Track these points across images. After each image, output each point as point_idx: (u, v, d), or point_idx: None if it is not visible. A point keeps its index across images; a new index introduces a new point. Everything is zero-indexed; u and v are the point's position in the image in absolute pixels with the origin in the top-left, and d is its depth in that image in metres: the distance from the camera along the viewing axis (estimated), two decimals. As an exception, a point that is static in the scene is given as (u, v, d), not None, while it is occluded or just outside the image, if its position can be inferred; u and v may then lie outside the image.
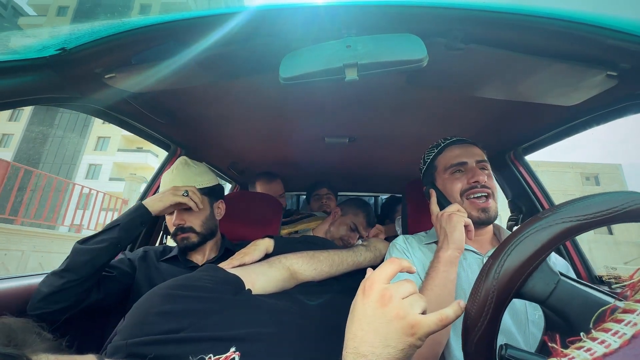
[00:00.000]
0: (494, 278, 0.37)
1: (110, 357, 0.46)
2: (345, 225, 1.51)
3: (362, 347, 0.38)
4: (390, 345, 0.38)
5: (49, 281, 0.80)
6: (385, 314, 0.39)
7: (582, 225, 0.35)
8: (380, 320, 0.39)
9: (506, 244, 0.38)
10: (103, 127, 22.52)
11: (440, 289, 0.69)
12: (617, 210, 0.34)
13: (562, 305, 0.37)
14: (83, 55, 0.73)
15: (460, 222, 0.76)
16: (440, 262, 0.72)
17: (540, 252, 0.36)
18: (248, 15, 0.65)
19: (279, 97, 1.08)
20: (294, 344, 0.54)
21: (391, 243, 0.93)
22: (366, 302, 0.41)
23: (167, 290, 0.55)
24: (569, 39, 0.65)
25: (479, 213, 0.80)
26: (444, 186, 0.87)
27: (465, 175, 0.84)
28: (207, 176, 1.11)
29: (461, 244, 0.74)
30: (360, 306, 0.42)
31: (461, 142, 0.91)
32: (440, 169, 0.90)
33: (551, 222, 0.36)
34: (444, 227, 0.77)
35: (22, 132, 20.45)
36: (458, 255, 0.73)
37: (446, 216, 0.78)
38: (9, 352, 0.29)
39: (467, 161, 0.85)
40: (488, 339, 0.37)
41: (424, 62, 0.61)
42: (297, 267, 0.79)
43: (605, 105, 0.87)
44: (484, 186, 0.81)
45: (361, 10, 0.64)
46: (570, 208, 0.36)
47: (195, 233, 1.02)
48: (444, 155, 0.90)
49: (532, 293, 0.37)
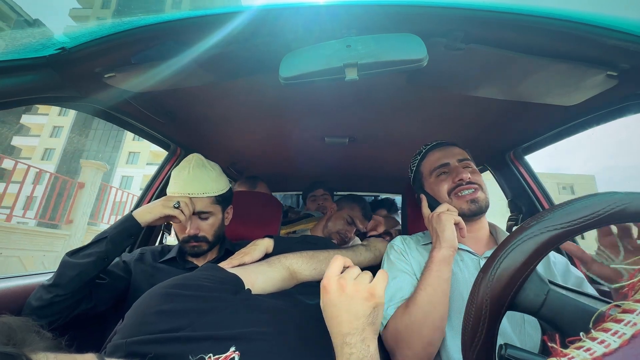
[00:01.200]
0: (484, 292, 0.37)
1: (110, 356, 0.46)
2: (341, 219, 1.51)
3: (344, 329, 0.49)
4: (360, 315, 0.49)
5: (38, 294, 0.78)
6: (347, 296, 0.51)
7: (568, 232, 0.35)
8: (347, 302, 0.50)
9: (495, 257, 0.38)
10: (133, 143, 24.78)
11: (433, 288, 0.70)
12: (602, 214, 0.34)
13: (554, 315, 0.37)
14: (83, 54, 0.73)
15: (450, 220, 0.77)
16: (433, 262, 0.73)
17: (528, 263, 0.36)
18: (248, 15, 0.65)
19: (279, 97, 1.08)
20: (294, 344, 0.54)
21: (389, 244, 0.94)
22: (330, 295, 0.52)
23: (166, 290, 0.55)
24: (569, 39, 0.65)
25: (469, 205, 0.81)
26: (432, 189, 0.90)
27: (449, 175, 0.87)
28: (221, 181, 1.04)
29: (453, 242, 0.75)
30: (327, 301, 0.52)
31: (440, 145, 0.95)
32: (425, 174, 0.93)
33: (536, 231, 0.36)
34: (435, 227, 0.78)
35: (63, 146, 23.12)
36: (452, 254, 0.74)
37: (436, 216, 0.79)
38: (8, 351, 0.28)
39: (449, 162, 0.88)
40: (487, 349, 0.37)
41: (424, 62, 0.61)
42: (297, 267, 0.79)
43: (605, 105, 0.87)
44: (469, 182, 0.83)
45: (361, 10, 0.64)
46: (555, 215, 0.36)
47: (207, 242, 1.00)
48: (427, 160, 0.94)
49: (525, 304, 0.37)
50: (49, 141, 23.91)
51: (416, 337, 0.67)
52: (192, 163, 0.99)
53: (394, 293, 0.77)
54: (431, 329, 0.67)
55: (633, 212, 0.33)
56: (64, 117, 24.31)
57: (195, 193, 0.95)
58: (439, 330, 0.68)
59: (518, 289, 0.36)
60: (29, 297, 0.80)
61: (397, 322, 0.71)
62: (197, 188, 0.95)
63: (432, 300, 0.68)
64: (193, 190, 0.95)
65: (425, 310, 0.68)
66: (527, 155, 1.32)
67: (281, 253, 0.82)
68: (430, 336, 0.68)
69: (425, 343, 0.67)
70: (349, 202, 1.58)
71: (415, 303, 0.69)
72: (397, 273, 0.82)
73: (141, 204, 1.38)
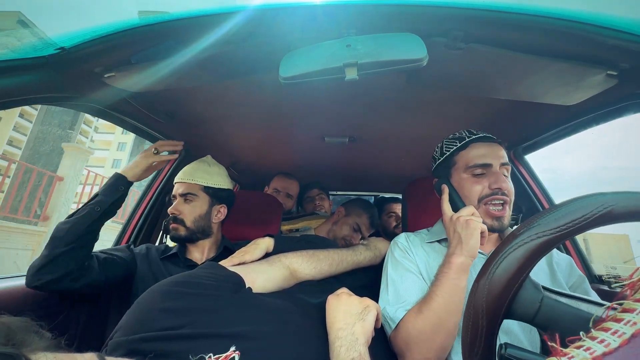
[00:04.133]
0: (481, 302, 0.37)
1: (111, 354, 0.45)
2: (348, 225, 1.50)
3: (338, 324, 0.57)
4: (354, 313, 0.59)
5: (39, 257, 0.82)
6: (341, 299, 0.63)
7: (558, 237, 0.34)
8: (341, 303, 0.62)
9: (488, 266, 0.38)
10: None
11: (450, 295, 0.67)
12: (590, 217, 0.33)
13: (549, 323, 0.36)
14: (82, 54, 0.73)
15: (478, 229, 0.71)
16: (451, 269, 0.69)
17: (520, 271, 0.35)
18: (247, 15, 0.65)
19: (279, 97, 1.08)
20: (294, 343, 0.54)
21: (392, 241, 0.91)
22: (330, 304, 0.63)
23: (167, 287, 0.55)
24: (569, 39, 0.64)
25: (493, 221, 0.76)
26: (461, 185, 0.81)
27: (487, 178, 0.78)
28: (217, 178, 1.13)
29: (475, 251, 0.70)
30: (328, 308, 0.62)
31: (488, 139, 0.83)
32: (460, 165, 0.82)
33: (526, 239, 0.35)
34: (459, 231, 0.72)
35: (128, 157, 25.42)
36: (470, 263, 0.70)
37: (463, 221, 0.73)
38: (7, 352, 0.28)
39: (492, 163, 0.78)
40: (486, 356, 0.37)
41: (424, 61, 0.61)
42: (297, 266, 0.79)
43: (606, 105, 0.86)
44: (504, 193, 0.76)
45: (361, 9, 0.64)
46: (544, 221, 0.36)
47: (184, 227, 1.05)
48: (468, 151, 0.82)
49: (520, 313, 0.37)
50: (117, 154, 30.85)
51: (429, 343, 0.66)
52: (199, 160, 1.16)
53: (402, 295, 0.75)
54: (444, 336, 0.66)
55: (620, 212, 0.33)
56: (126, 135, 29.43)
57: (185, 179, 1.09)
58: (451, 337, 0.67)
59: (513, 298, 0.36)
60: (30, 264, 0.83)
61: (409, 326, 0.68)
62: (189, 175, 1.10)
63: (447, 308, 0.66)
64: (184, 177, 1.09)
65: (440, 317, 0.66)
66: (527, 155, 1.32)
67: (281, 252, 0.82)
68: (443, 342, 0.66)
69: (437, 349, 0.66)
70: (357, 209, 1.56)
71: (430, 309, 0.67)
72: (403, 272, 0.80)
73: (141, 204, 1.38)
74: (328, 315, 0.61)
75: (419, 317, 0.68)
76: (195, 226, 1.06)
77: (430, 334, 0.66)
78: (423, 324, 0.66)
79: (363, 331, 0.56)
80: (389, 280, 0.80)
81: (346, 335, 0.54)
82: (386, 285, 0.80)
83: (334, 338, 0.55)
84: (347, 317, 0.58)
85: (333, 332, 0.56)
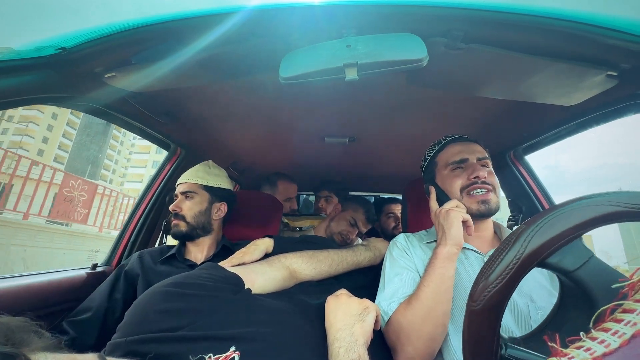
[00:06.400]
0: (524, 241, 0.36)
1: (110, 355, 0.45)
2: (344, 220, 1.52)
3: (337, 324, 0.58)
4: (354, 313, 0.60)
5: None
6: (340, 300, 0.64)
7: (629, 212, 0.34)
8: (340, 304, 0.63)
9: (547, 212, 0.38)
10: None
11: (437, 285, 0.69)
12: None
13: (589, 279, 0.38)
14: (83, 54, 0.73)
15: (458, 218, 0.75)
16: (437, 259, 0.72)
17: (580, 227, 0.36)
18: (248, 15, 0.65)
19: (279, 97, 1.08)
20: (294, 344, 0.54)
21: (392, 241, 0.93)
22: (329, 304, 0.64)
23: (166, 288, 0.54)
24: (569, 39, 0.64)
25: (479, 205, 0.79)
26: (444, 183, 0.87)
27: (465, 171, 0.84)
28: (217, 179, 1.17)
29: (459, 240, 0.73)
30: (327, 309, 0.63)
31: (462, 139, 0.91)
32: (440, 166, 0.90)
33: (598, 202, 0.36)
34: (442, 223, 0.76)
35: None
36: (456, 252, 0.73)
37: (444, 212, 0.77)
38: (7, 351, 0.28)
39: (468, 157, 0.85)
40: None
41: (424, 61, 0.61)
42: (297, 267, 0.79)
43: (606, 105, 0.86)
44: (484, 182, 0.80)
45: (361, 9, 0.64)
46: (620, 195, 0.36)
47: (185, 222, 1.07)
48: (445, 152, 0.90)
49: (558, 264, 0.38)
50: (151, 170, 35.51)
51: (418, 333, 0.67)
52: (200, 163, 1.22)
53: (396, 290, 0.77)
54: (433, 326, 0.67)
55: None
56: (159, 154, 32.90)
57: (186, 179, 1.15)
58: (441, 327, 0.68)
59: (557, 248, 0.37)
60: None
61: (399, 317, 0.70)
62: (190, 176, 1.16)
63: (435, 297, 0.68)
64: (186, 177, 1.16)
65: (428, 306, 0.68)
66: (527, 155, 1.32)
67: (281, 253, 0.82)
68: (432, 332, 0.67)
69: (426, 339, 0.67)
70: (353, 204, 1.58)
71: (418, 299, 0.69)
72: (399, 270, 0.81)
73: (141, 204, 1.38)
74: (327, 316, 0.61)
75: (408, 308, 0.70)
76: (196, 222, 1.08)
77: (419, 324, 0.67)
78: (412, 314, 0.68)
79: (362, 332, 0.56)
80: (386, 278, 0.82)
81: (345, 336, 0.55)
82: (383, 283, 0.82)
83: (333, 339, 0.55)
84: (346, 318, 0.58)
85: (332, 333, 0.57)
